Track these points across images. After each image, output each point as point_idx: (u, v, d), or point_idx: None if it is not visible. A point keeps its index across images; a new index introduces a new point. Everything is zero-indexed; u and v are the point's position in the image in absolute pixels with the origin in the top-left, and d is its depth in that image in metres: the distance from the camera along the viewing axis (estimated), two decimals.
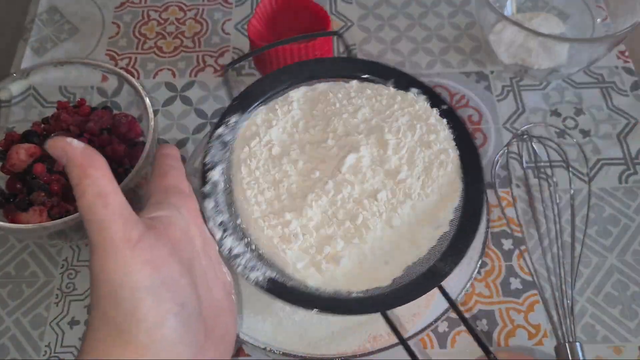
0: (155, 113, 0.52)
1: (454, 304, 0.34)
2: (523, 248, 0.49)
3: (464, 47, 0.63)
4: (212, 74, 0.61)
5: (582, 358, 0.43)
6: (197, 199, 0.35)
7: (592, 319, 0.47)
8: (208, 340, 0.30)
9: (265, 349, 0.39)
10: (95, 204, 0.27)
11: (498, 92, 0.59)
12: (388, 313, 0.33)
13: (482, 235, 0.43)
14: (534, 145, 0.54)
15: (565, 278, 0.47)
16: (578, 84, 0.59)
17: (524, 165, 0.54)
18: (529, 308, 0.47)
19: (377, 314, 0.42)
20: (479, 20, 0.61)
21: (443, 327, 0.46)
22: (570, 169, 0.53)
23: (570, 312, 0.45)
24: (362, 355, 0.39)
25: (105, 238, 0.27)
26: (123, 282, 0.27)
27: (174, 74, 0.61)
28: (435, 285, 0.33)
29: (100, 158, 0.28)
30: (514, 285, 0.48)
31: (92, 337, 0.27)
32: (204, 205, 0.34)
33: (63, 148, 0.28)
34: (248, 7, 0.66)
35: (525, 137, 0.54)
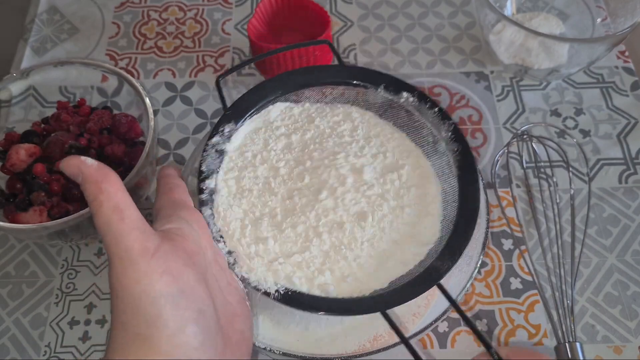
0: (155, 113, 0.52)
1: (454, 301, 0.34)
2: (523, 248, 0.49)
3: (464, 47, 0.63)
4: (212, 74, 0.61)
5: (582, 358, 0.43)
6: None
7: (592, 319, 0.47)
8: (226, 346, 0.31)
9: (266, 349, 0.39)
10: (112, 218, 0.28)
11: (498, 92, 0.59)
12: (388, 313, 0.33)
13: (482, 235, 0.43)
14: (534, 145, 0.54)
15: (565, 278, 0.47)
16: (578, 84, 0.59)
17: (524, 165, 0.54)
18: (529, 308, 0.47)
19: (377, 314, 0.42)
20: (479, 20, 0.61)
21: (443, 327, 0.46)
22: (570, 169, 0.53)
23: (570, 312, 0.45)
24: (362, 355, 0.39)
25: (124, 250, 0.28)
26: (143, 291, 0.27)
27: (174, 74, 0.61)
28: (434, 285, 0.34)
29: (114, 174, 0.29)
30: (514, 285, 0.48)
31: (114, 347, 0.27)
32: (202, 212, 0.36)
33: (78, 166, 0.29)
34: (248, 7, 0.66)
35: (525, 137, 0.54)
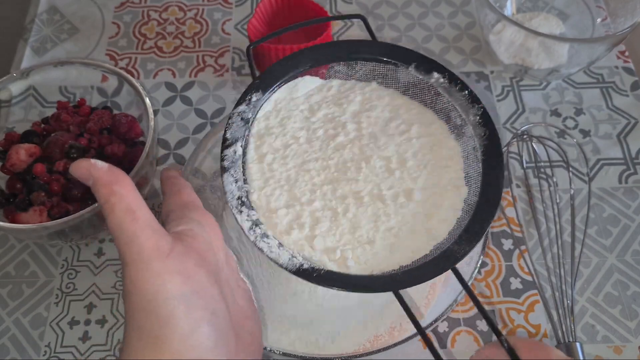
0: (155, 113, 0.52)
1: (468, 287, 0.34)
2: (523, 248, 0.49)
3: (464, 47, 0.63)
4: (212, 74, 0.61)
5: (582, 358, 0.43)
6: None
7: (592, 319, 0.47)
8: (238, 347, 0.31)
9: (266, 349, 0.39)
10: (125, 219, 0.28)
11: (498, 92, 0.59)
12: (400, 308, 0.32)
13: (489, 224, 0.43)
14: (534, 145, 0.54)
15: (565, 278, 0.47)
16: (578, 84, 0.59)
17: (524, 165, 0.54)
18: (529, 308, 0.47)
19: (378, 315, 0.42)
20: (479, 20, 0.61)
21: (443, 327, 0.46)
22: (570, 169, 0.53)
23: (570, 312, 0.45)
24: (362, 355, 0.39)
25: (137, 251, 0.27)
26: (157, 292, 0.27)
27: (174, 74, 0.61)
28: (450, 267, 0.33)
29: (125, 176, 0.29)
30: (514, 285, 0.48)
31: (128, 348, 0.27)
32: (224, 179, 0.34)
33: (88, 169, 0.29)
34: (248, 7, 0.66)
35: (525, 137, 0.54)
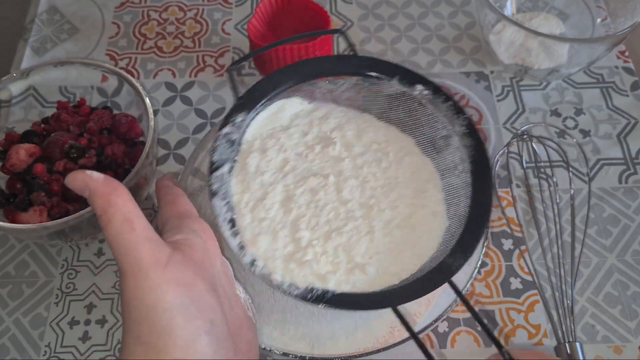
0: (155, 113, 0.52)
1: (465, 300, 0.34)
2: (523, 248, 0.49)
3: (464, 47, 0.63)
4: (212, 74, 0.61)
5: (582, 358, 0.43)
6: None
7: (592, 319, 0.47)
8: (237, 356, 0.31)
9: (265, 349, 0.39)
10: (123, 230, 0.28)
11: (498, 92, 0.59)
12: (399, 310, 0.32)
13: (482, 235, 0.43)
14: (534, 145, 0.54)
15: (565, 278, 0.47)
16: (578, 84, 0.59)
17: (524, 165, 0.54)
18: (529, 308, 0.47)
19: (378, 316, 0.42)
20: (479, 20, 0.61)
21: (443, 327, 0.46)
22: (570, 169, 0.53)
23: (570, 312, 0.45)
24: (362, 355, 0.39)
25: (135, 261, 0.27)
26: (156, 303, 0.27)
27: (174, 74, 0.61)
28: (446, 281, 0.33)
29: (122, 186, 0.29)
30: (514, 285, 0.48)
31: (127, 354, 0.27)
32: (213, 203, 0.34)
33: (84, 181, 0.28)
34: (248, 7, 0.66)
35: (525, 137, 0.54)
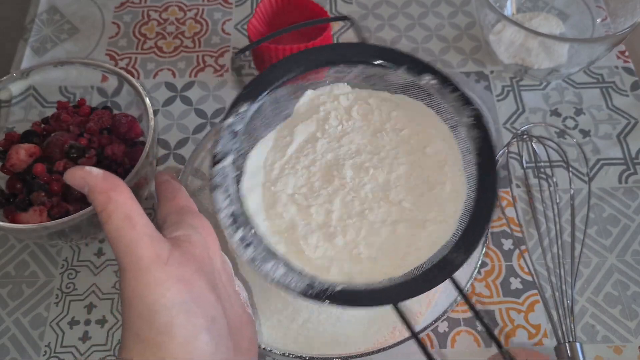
0: (155, 113, 0.52)
1: (466, 297, 0.34)
2: (523, 248, 0.49)
3: (464, 47, 0.63)
4: (212, 74, 0.61)
5: (582, 358, 0.43)
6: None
7: (592, 319, 0.47)
8: (237, 353, 0.31)
9: (265, 349, 0.39)
10: (123, 227, 0.27)
11: (498, 92, 0.59)
12: (400, 308, 0.32)
13: (487, 230, 0.43)
14: (534, 145, 0.54)
15: (565, 278, 0.47)
16: (578, 84, 0.59)
17: (524, 165, 0.54)
18: (529, 308, 0.47)
19: (379, 316, 0.42)
20: (479, 20, 0.61)
21: (443, 327, 0.46)
22: (570, 169, 0.53)
23: (570, 312, 0.45)
24: (362, 355, 0.39)
25: (135, 258, 0.27)
26: (156, 300, 0.27)
27: (174, 74, 0.61)
28: (449, 276, 0.33)
29: (122, 182, 0.29)
30: (514, 285, 0.48)
31: (126, 351, 0.27)
32: (214, 196, 0.34)
33: (82, 177, 0.28)
34: (248, 7, 0.66)
35: (525, 137, 0.54)
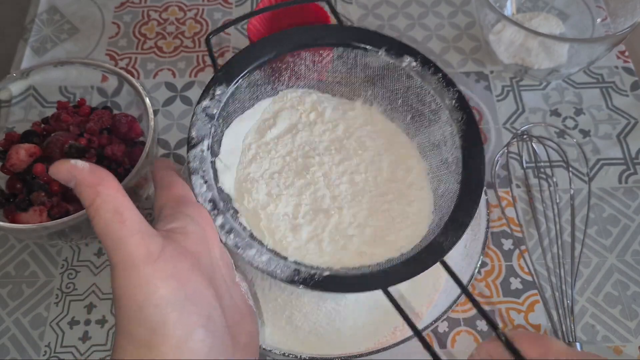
0: (155, 113, 0.52)
1: (460, 282, 0.33)
2: (523, 248, 0.49)
3: (464, 47, 0.63)
4: (212, 74, 0.60)
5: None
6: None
7: (592, 319, 0.47)
8: (235, 349, 0.30)
9: (266, 349, 0.39)
10: (112, 222, 0.26)
11: (498, 92, 0.59)
12: (400, 306, 0.32)
13: (482, 235, 0.43)
14: (534, 145, 0.54)
15: (565, 278, 0.47)
16: (578, 84, 0.59)
17: (524, 165, 0.54)
18: (529, 308, 0.47)
19: (381, 317, 0.42)
20: (479, 20, 0.61)
21: (443, 327, 0.46)
22: (570, 169, 0.53)
23: (570, 312, 0.45)
24: (362, 355, 0.39)
25: (125, 255, 0.26)
26: (147, 299, 0.26)
27: (174, 74, 0.61)
28: (437, 261, 0.32)
29: (110, 175, 0.28)
30: (514, 285, 0.48)
31: (119, 350, 0.26)
32: (193, 181, 0.33)
33: (69, 170, 0.27)
34: (248, 7, 0.66)
35: (525, 137, 0.54)
